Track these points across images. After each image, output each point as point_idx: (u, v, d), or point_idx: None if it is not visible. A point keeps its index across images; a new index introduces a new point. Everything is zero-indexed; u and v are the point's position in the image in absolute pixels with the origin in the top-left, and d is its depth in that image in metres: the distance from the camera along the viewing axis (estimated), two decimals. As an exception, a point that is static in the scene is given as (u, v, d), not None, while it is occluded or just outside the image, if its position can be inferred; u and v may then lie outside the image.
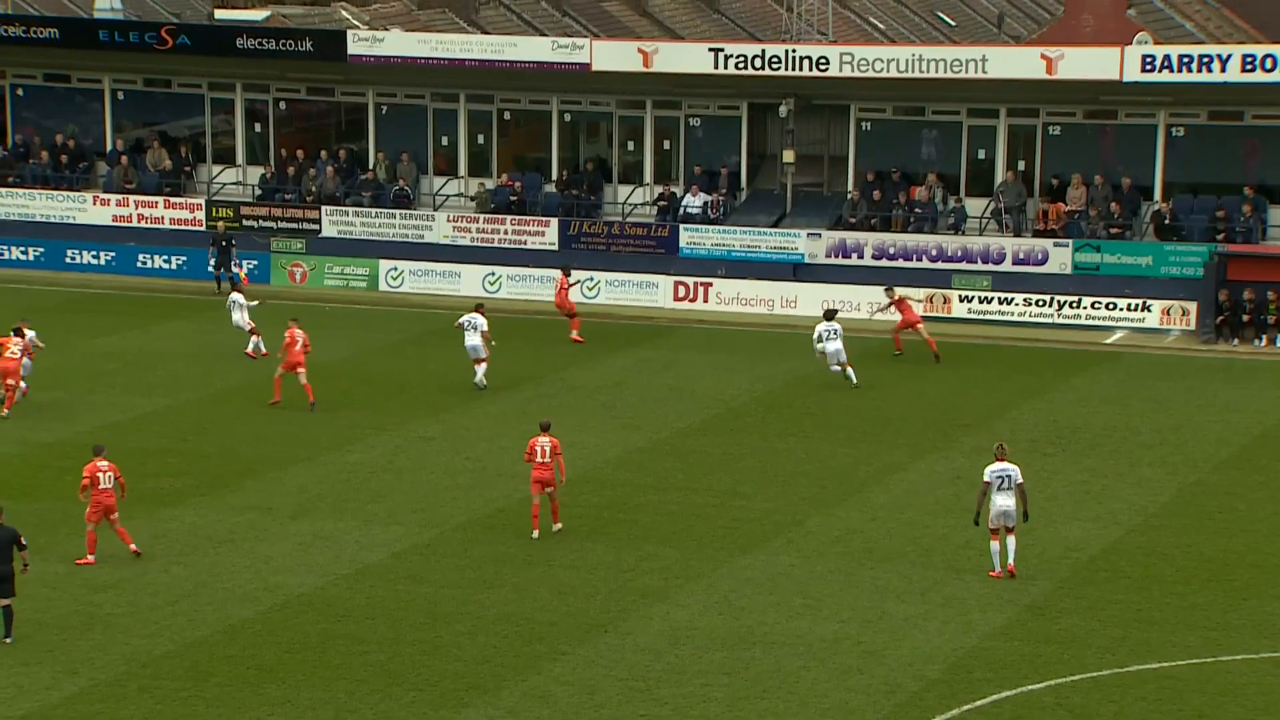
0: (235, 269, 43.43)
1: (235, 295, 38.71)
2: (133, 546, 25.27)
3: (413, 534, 26.86)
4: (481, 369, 35.51)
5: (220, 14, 58.60)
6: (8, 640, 22.21)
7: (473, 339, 35.61)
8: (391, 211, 46.91)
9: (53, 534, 26.17)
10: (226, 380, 36.07)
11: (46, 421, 32.40)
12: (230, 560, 25.50)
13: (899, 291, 39.46)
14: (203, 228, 46.96)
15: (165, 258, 46.91)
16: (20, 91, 49.57)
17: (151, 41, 47.35)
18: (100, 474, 24.95)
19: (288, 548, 26.11)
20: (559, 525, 27.09)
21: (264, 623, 23.16)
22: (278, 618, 23.34)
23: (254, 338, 37.70)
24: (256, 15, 57.63)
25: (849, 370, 35.92)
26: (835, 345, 35.75)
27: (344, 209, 47.13)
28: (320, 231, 46.97)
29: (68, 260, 47.19)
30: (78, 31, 49.35)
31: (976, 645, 22.87)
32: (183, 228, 47.20)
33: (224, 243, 44.35)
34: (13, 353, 32.92)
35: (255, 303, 38.73)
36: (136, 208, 47.52)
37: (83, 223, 47.63)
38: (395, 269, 45.92)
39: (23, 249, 47.33)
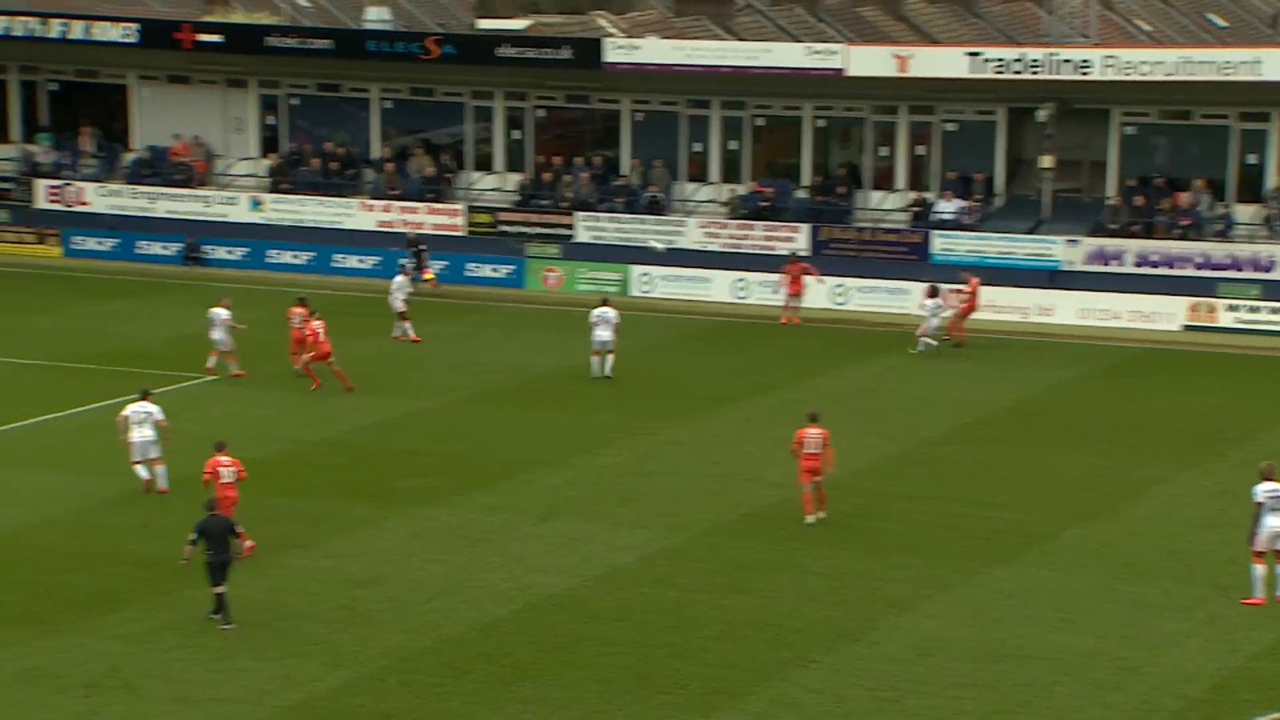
0: (426, 273, 44.54)
1: (401, 279, 40.70)
2: (248, 544, 25.72)
3: (661, 538, 27.08)
4: (610, 360, 36.38)
5: (482, 23, 59.94)
6: (229, 626, 22.85)
7: (605, 333, 36.33)
8: (644, 217, 47.41)
9: (319, 530, 27.09)
10: (481, 383, 36.87)
11: (314, 421, 33.55)
12: (484, 559, 26.04)
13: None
14: (463, 233, 48.18)
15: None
16: (295, 101, 51.42)
17: (417, 51, 48.74)
18: (222, 469, 25.65)
19: (539, 548, 26.56)
20: (823, 514, 27.29)
21: (517, 622, 23.58)
22: (530, 617, 23.75)
23: (404, 323, 39.88)
24: (517, 24, 58.80)
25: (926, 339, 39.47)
26: (935, 322, 39.60)
27: (597, 215, 47.79)
28: (574, 237, 47.72)
29: (334, 264, 48.78)
30: (349, 42, 51.02)
31: (1242, 665, 22.11)
32: (443, 233, 48.42)
33: (417, 247, 45.48)
34: (298, 324, 35.82)
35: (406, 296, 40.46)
36: (400, 213, 48.91)
37: (349, 228, 49.20)
38: (647, 274, 46.37)
39: (294, 253, 49.07)
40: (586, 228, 47.69)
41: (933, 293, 39.86)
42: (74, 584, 24.53)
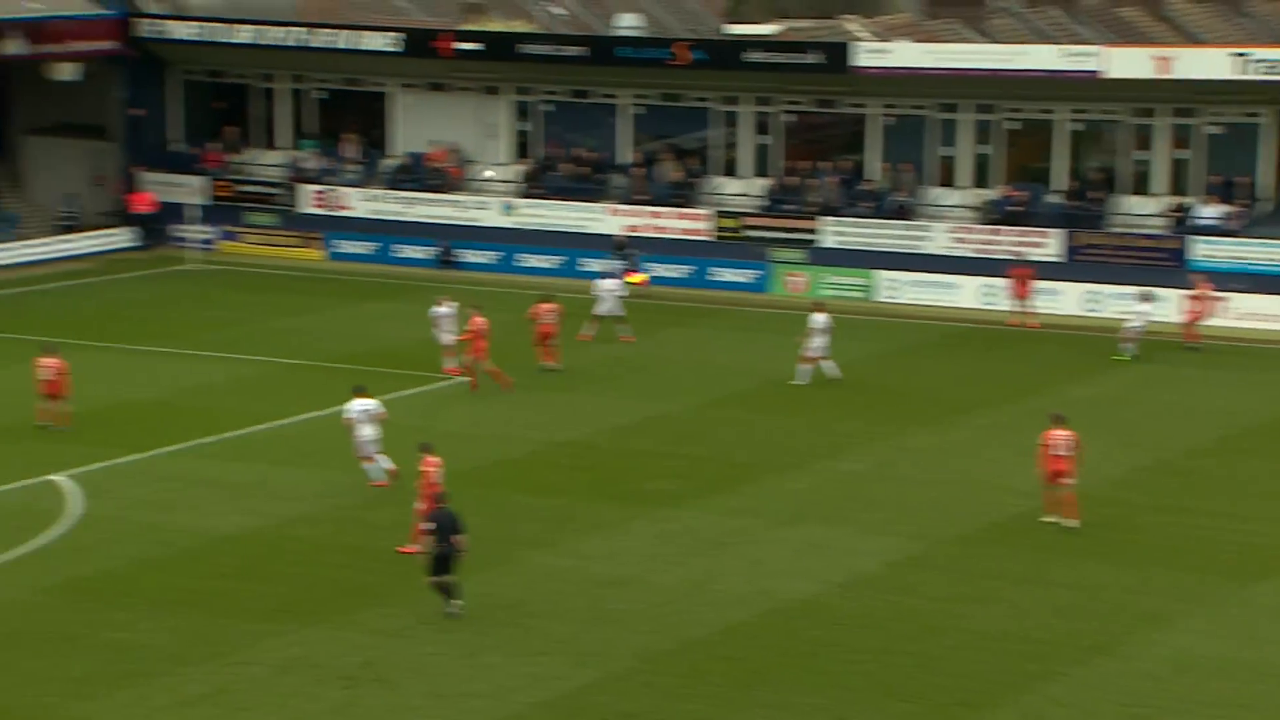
0: (635, 275, 44.81)
1: (608, 284, 41.28)
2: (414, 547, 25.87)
3: (904, 545, 26.84)
4: (831, 364, 36.52)
5: (730, 28, 60.14)
6: (458, 604, 23.34)
7: (824, 339, 36.35)
8: (890, 222, 47.02)
9: (562, 530, 27.52)
10: (724, 387, 36.99)
11: (558, 422, 34.08)
12: (726, 563, 26.11)
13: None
14: (710, 239, 48.45)
15: (671, 267, 48.57)
16: (548, 107, 52.28)
17: (666, 57, 49.20)
18: (432, 469, 26.05)
19: (781, 553, 26.55)
20: (1074, 522, 26.73)
21: (758, 626, 23.60)
22: (771, 622, 23.75)
23: (594, 326, 40.62)
24: (766, 29, 58.83)
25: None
26: (1137, 324, 39.05)
27: (843, 220, 47.56)
28: (820, 242, 47.56)
29: (581, 268, 49.44)
30: (600, 49, 51.76)
31: None
32: (690, 237, 48.75)
33: (625, 250, 45.73)
34: (546, 319, 37.14)
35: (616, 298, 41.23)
36: (647, 218, 49.38)
37: (597, 232, 49.82)
38: (893, 279, 45.99)
39: (543, 257, 49.89)
40: (832, 232, 47.50)
41: (1146, 297, 39.11)
42: (334, 578, 25.34)
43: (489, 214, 51.04)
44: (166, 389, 36.37)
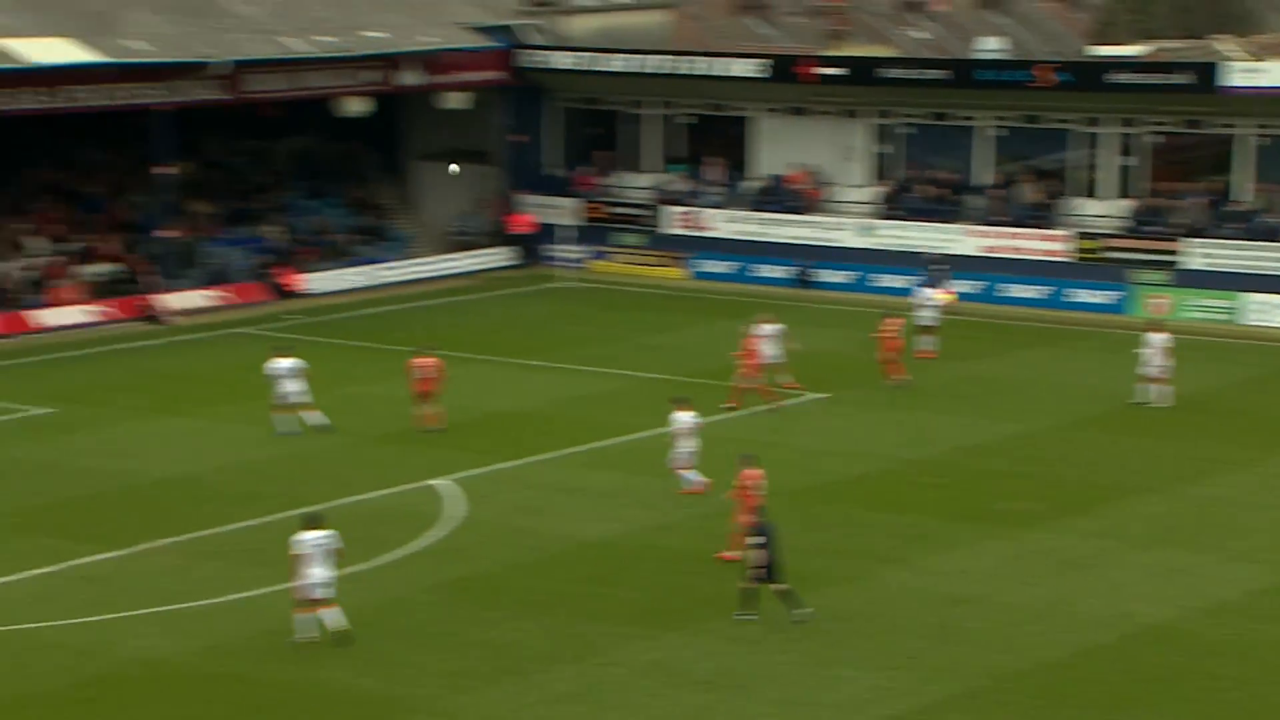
0: (945, 292, 44.17)
1: (928, 292, 41.77)
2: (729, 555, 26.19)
3: (1271, 574, 26.14)
4: (1155, 389, 35.66)
5: (1093, 49, 59.21)
6: (809, 611, 23.93)
7: (1164, 360, 35.62)
8: (1260, 244, 45.57)
9: (914, 547, 27.72)
10: (1080, 408, 36.56)
11: (911, 440, 34.22)
12: (1083, 585, 25.92)
13: None
14: (1069, 260, 47.86)
15: (1028, 287, 48.14)
16: (909, 130, 52.44)
17: (1027, 79, 48.88)
18: (752, 481, 26.29)
19: (1141, 576, 26.21)
20: None
21: (1117, 650, 23.34)
22: (1130, 646, 23.45)
23: (928, 337, 40.61)
24: (1131, 50, 57.75)
25: None
26: None
27: (1209, 241, 46.32)
28: (1184, 264, 46.43)
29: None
30: (962, 71, 51.75)
31: None
32: (1047, 258, 48.25)
33: (936, 267, 45.65)
34: (891, 335, 37.77)
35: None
36: (1005, 239, 49.05)
37: (954, 253, 49.70)
38: (1262, 302, 44.56)
39: (898, 277, 50.07)
40: (1198, 254, 46.31)
41: None
42: (688, 585, 26.09)
43: (846, 234, 51.55)
44: (537, 400, 38.06)
